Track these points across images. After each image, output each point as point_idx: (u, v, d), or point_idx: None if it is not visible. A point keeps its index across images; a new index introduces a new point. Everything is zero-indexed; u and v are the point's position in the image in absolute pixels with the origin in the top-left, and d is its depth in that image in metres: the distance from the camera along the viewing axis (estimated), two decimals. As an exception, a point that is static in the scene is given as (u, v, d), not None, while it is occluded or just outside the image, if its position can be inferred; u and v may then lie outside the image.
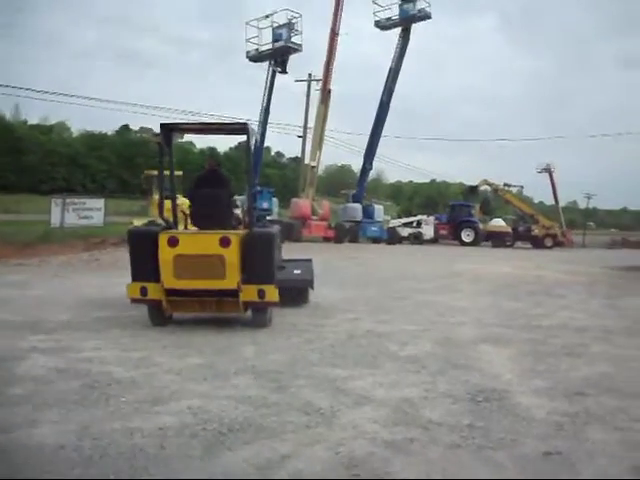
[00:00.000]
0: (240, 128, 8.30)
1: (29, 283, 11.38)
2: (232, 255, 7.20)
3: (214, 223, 7.71)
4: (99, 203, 24.19)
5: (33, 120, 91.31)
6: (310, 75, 38.14)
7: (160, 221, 8.15)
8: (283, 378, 5.28)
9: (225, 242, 7.21)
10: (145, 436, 3.87)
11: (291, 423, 4.17)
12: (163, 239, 7.26)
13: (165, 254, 7.23)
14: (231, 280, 7.23)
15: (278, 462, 3.51)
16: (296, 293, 9.20)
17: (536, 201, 76.24)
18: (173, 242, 7.24)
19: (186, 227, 8.28)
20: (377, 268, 17.36)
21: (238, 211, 8.56)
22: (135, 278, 7.48)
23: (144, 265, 7.37)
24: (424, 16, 32.34)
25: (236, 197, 10.04)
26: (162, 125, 7.90)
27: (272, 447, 3.74)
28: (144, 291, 7.38)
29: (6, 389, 4.77)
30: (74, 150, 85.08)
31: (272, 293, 7.39)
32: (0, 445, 3.69)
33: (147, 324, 7.55)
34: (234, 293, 7.33)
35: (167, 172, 8.44)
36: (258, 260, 7.39)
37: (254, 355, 6.14)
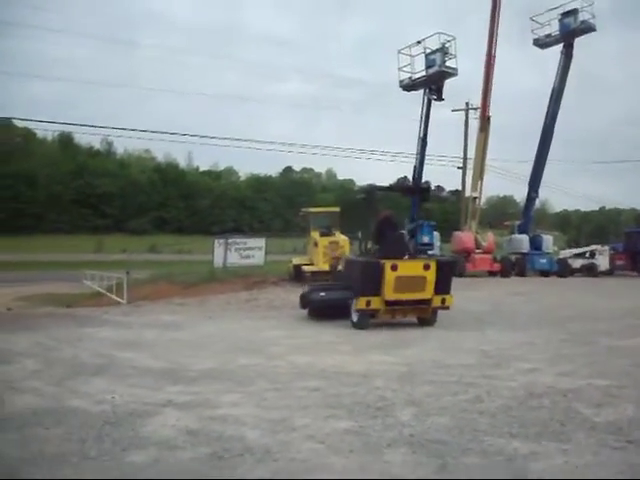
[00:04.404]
0: (426, 189, 13.76)
1: (181, 324, 11.30)
2: (431, 275, 10.89)
3: (398, 254, 11.17)
4: (260, 242, 24.39)
5: (204, 166, 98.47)
6: (467, 104, 36.76)
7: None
8: (447, 452, 4.24)
9: (427, 267, 10.95)
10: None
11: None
12: (387, 265, 10.68)
13: (389, 276, 10.66)
14: (428, 292, 10.92)
15: None
16: None
17: None
18: (394, 268, 10.71)
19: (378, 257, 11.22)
20: (549, 305, 15.64)
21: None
22: (362, 294, 10.81)
23: (369, 284, 10.76)
24: (587, 29, 29.63)
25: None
26: (370, 186, 12.19)
27: None
28: (368, 303, 10.77)
29: (125, 455, 4.22)
30: (242, 193, 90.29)
31: (449, 300, 11.32)
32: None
33: (293, 377, 6.83)
34: (428, 302, 11.02)
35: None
36: (444, 278, 11.14)
37: (413, 418, 5.14)
